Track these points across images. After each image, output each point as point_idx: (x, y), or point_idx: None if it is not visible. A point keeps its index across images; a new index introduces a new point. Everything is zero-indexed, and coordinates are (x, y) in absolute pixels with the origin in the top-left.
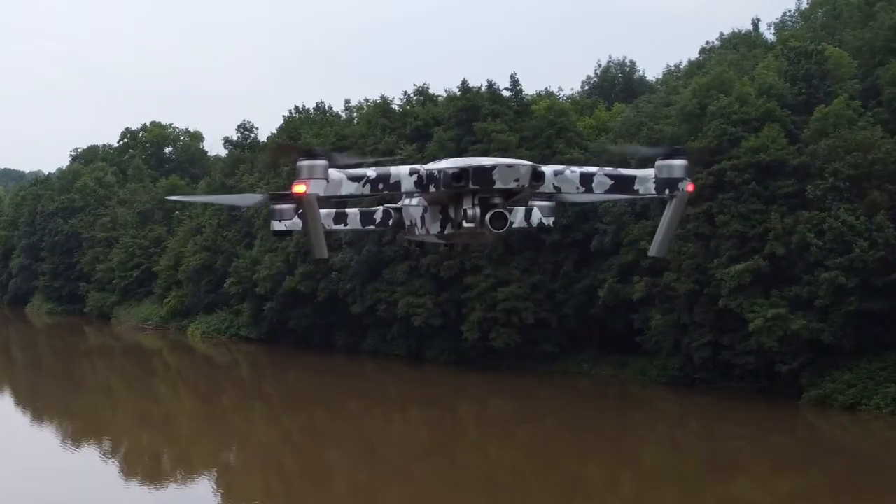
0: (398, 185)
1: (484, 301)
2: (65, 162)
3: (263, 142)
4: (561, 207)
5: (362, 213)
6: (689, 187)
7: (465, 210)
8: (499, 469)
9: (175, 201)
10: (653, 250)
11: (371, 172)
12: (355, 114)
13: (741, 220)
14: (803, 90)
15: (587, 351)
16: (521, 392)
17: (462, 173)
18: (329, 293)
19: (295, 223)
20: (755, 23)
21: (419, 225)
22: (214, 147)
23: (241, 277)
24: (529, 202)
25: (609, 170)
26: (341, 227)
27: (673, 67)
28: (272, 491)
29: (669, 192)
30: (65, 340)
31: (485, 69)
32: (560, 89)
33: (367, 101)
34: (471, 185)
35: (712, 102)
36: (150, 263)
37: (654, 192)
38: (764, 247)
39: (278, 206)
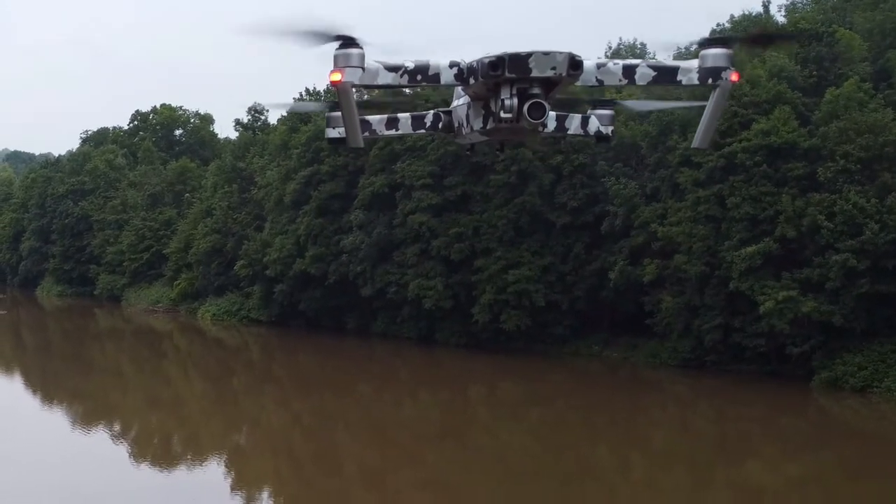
0: (437, 78)
1: (494, 283)
2: (75, 144)
3: (274, 125)
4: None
5: (413, 118)
6: (734, 76)
7: (502, 100)
8: (509, 451)
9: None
10: (696, 142)
11: (409, 63)
12: (366, 96)
13: (752, 203)
14: (814, 72)
15: (598, 333)
16: (531, 374)
17: (498, 62)
18: (339, 276)
19: None
20: (765, 5)
21: (465, 124)
22: (225, 129)
23: (251, 260)
24: (588, 110)
25: (651, 61)
26: (393, 132)
27: (683, 50)
28: (282, 474)
29: (713, 81)
30: (75, 323)
31: None
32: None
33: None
34: (507, 74)
35: None
36: (160, 246)
37: (696, 82)
38: (775, 229)
39: (333, 114)
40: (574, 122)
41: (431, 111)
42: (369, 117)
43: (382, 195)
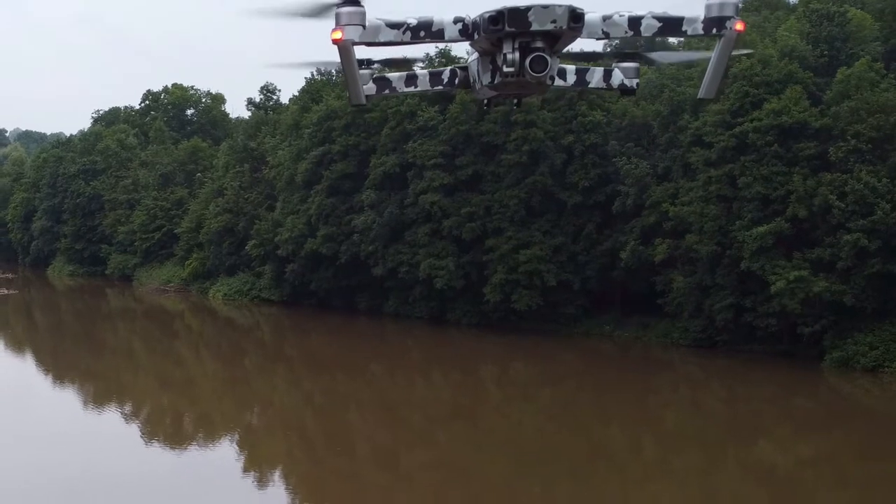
0: (441, 34)
1: (506, 263)
2: (86, 124)
3: (285, 104)
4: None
5: (431, 74)
6: (738, 26)
7: (504, 55)
8: (521, 431)
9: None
10: (702, 92)
11: (412, 20)
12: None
13: (763, 183)
14: (825, 52)
15: (609, 313)
16: (543, 354)
17: (498, 16)
18: (351, 255)
19: (370, 88)
20: None
21: (477, 79)
22: (236, 109)
23: (262, 240)
24: (613, 63)
25: (657, 12)
26: (412, 88)
27: None
28: (294, 454)
29: (717, 31)
30: (86, 302)
31: None
32: (582, 51)
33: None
34: (507, 28)
35: (734, 64)
36: (171, 225)
37: (701, 32)
38: (786, 209)
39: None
40: (596, 76)
41: (448, 67)
42: (389, 75)
43: (394, 175)
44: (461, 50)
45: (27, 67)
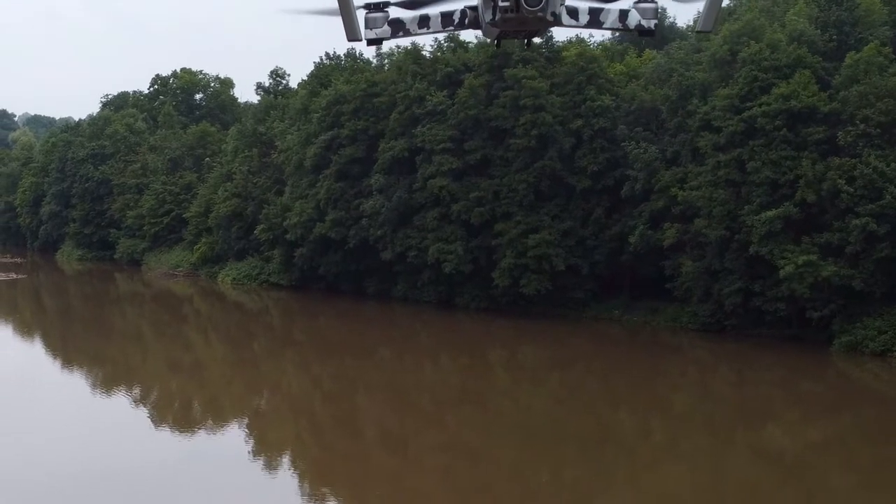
0: None
1: (514, 248)
2: (95, 109)
3: (294, 89)
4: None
5: (443, 15)
6: None
7: None
8: (530, 415)
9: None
10: (699, 25)
11: None
12: (386, 61)
13: (772, 167)
14: (834, 37)
15: (618, 297)
16: (551, 338)
17: None
18: (359, 240)
19: (384, 31)
20: None
21: (482, 18)
22: (245, 94)
23: (271, 224)
24: (631, 3)
25: None
26: (424, 31)
27: None
28: (303, 438)
29: None
30: (95, 287)
31: None
32: (591, 36)
33: (398, 48)
34: None
35: (743, 49)
36: (180, 210)
37: None
38: (795, 193)
39: (371, 15)
40: (611, 17)
41: (459, 7)
42: (402, 16)
43: (402, 159)
44: (469, 34)
45: (36, 52)
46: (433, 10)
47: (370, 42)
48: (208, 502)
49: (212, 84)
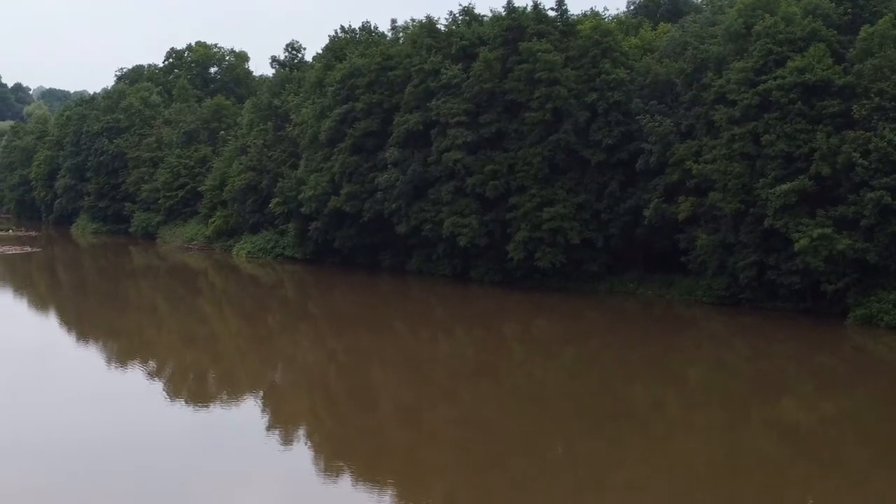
0: None
1: (529, 221)
2: (110, 82)
3: (310, 62)
4: None
5: None
6: None
7: None
8: (544, 389)
9: None
10: None
11: None
12: (401, 34)
13: (787, 140)
14: (849, 10)
15: (632, 271)
16: (566, 312)
17: None
18: (374, 213)
19: None
20: None
21: None
22: (260, 67)
23: (286, 197)
24: None
25: None
26: None
27: None
28: (318, 411)
29: None
30: (110, 260)
31: None
32: (605, 9)
33: (413, 21)
34: None
35: (758, 22)
36: (195, 183)
37: None
38: (810, 167)
39: None
40: None
41: None
42: None
43: (417, 133)
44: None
45: (51, 26)
46: None
47: None
48: (223, 471)
49: (227, 57)
